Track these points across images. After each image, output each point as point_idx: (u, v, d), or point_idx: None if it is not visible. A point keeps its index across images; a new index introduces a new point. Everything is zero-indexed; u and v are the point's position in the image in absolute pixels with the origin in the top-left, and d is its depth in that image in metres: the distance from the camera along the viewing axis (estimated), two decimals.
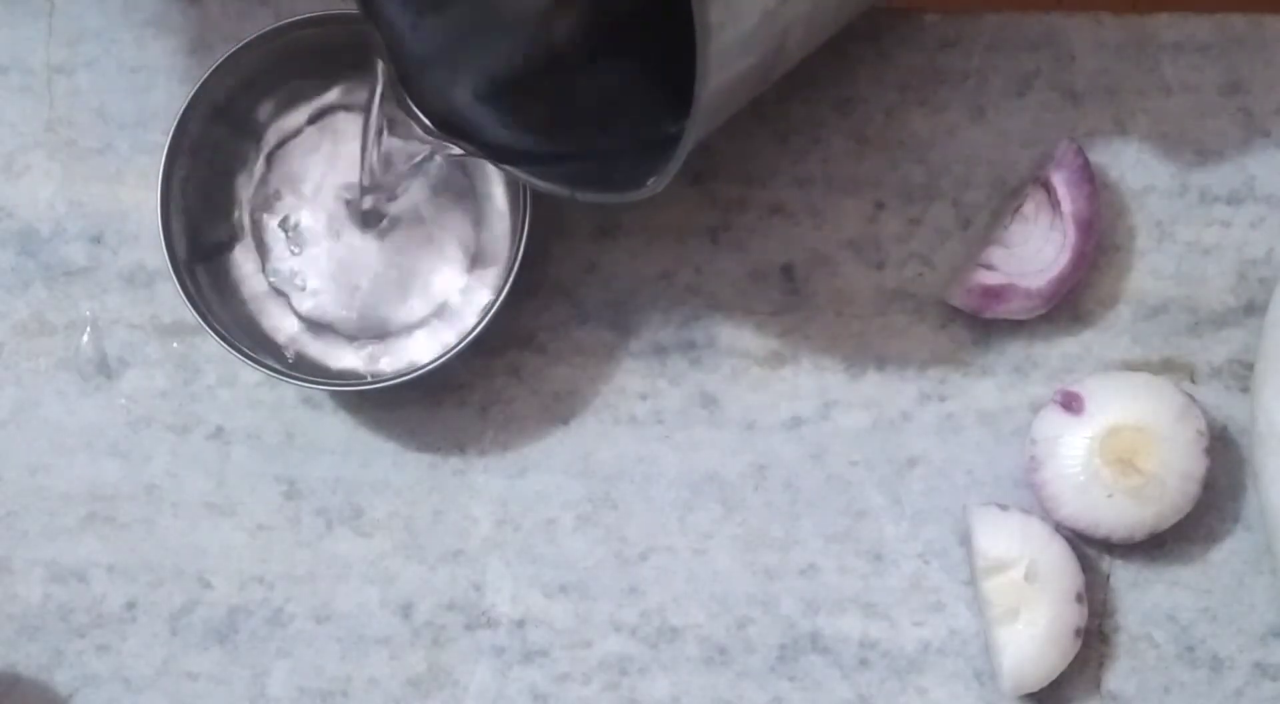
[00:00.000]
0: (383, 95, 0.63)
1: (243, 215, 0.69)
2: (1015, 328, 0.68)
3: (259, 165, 0.69)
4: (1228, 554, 0.67)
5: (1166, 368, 0.68)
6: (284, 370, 0.65)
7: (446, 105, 0.63)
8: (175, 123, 0.66)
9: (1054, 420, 0.65)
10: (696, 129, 0.53)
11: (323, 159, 0.69)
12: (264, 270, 0.69)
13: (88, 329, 0.70)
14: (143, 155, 0.71)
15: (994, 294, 0.66)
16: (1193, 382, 0.67)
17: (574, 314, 0.69)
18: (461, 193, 0.68)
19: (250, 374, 0.69)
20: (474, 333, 0.64)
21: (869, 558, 0.67)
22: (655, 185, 0.56)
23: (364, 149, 0.64)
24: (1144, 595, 0.66)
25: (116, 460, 0.69)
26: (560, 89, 0.64)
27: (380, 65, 0.62)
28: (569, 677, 0.67)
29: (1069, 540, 0.65)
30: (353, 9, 0.68)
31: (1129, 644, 0.66)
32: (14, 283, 0.70)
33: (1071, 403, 0.65)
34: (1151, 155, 0.69)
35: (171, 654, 0.68)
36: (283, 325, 0.68)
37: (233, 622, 0.68)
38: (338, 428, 0.69)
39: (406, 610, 0.68)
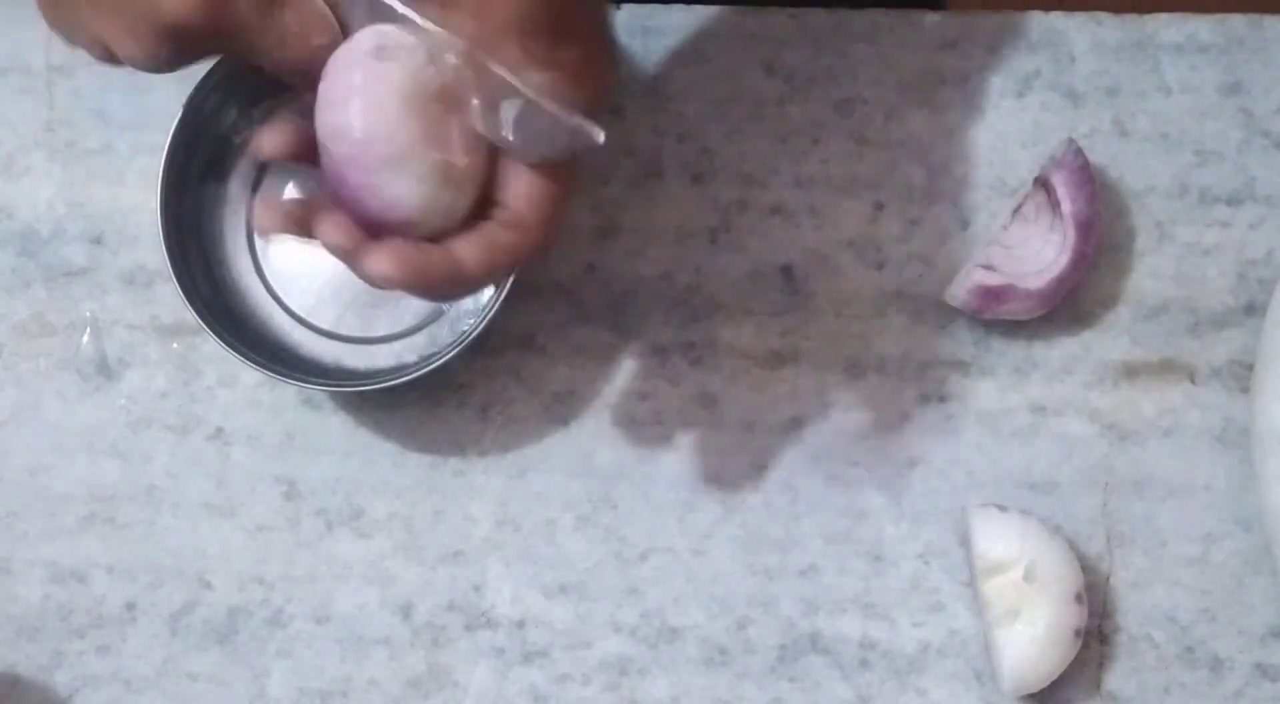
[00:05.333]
0: None
1: (242, 215, 0.69)
2: (1015, 328, 0.68)
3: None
4: (1228, 554, 0.67)
5: (1166, 368, 0.68)
6: (284, 371, 0.65)
7: None
8: (175, 123, 0.66)
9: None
10: None
11: None
12: (264, 271, 0.69)
13: (88, 329, 0.70)
14: (143, 155, 0.71)
15: (994, 294, 0.66)
16: (1193, 382, 0.67)
17: (574, 314, 0.69)
18: None
19: (250, 375, 0.69)
20: (474, 333, 0.65)
21: (869, 558, 0.67)
22: None
23: None
24: (1144, 595, 0.66)
25: (116, 461, 0.69)
26: None
27: None
28: (569, 677, 0.67)
29: (1069, 541, 0.65)
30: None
31: (1129, 644, 0.66)
32: (14, 283, 0.70)
33: None
34: (1151, 155, 0.69)
35: (171, 655, 0.68)
36: (283, 326, 0.68)
37: (233, 622, 0.68)
38: (338, 428, 0.69)
39: (406, 611, 0.68)
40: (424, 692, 0.67)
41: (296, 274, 0.69)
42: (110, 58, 0.53)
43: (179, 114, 0.66)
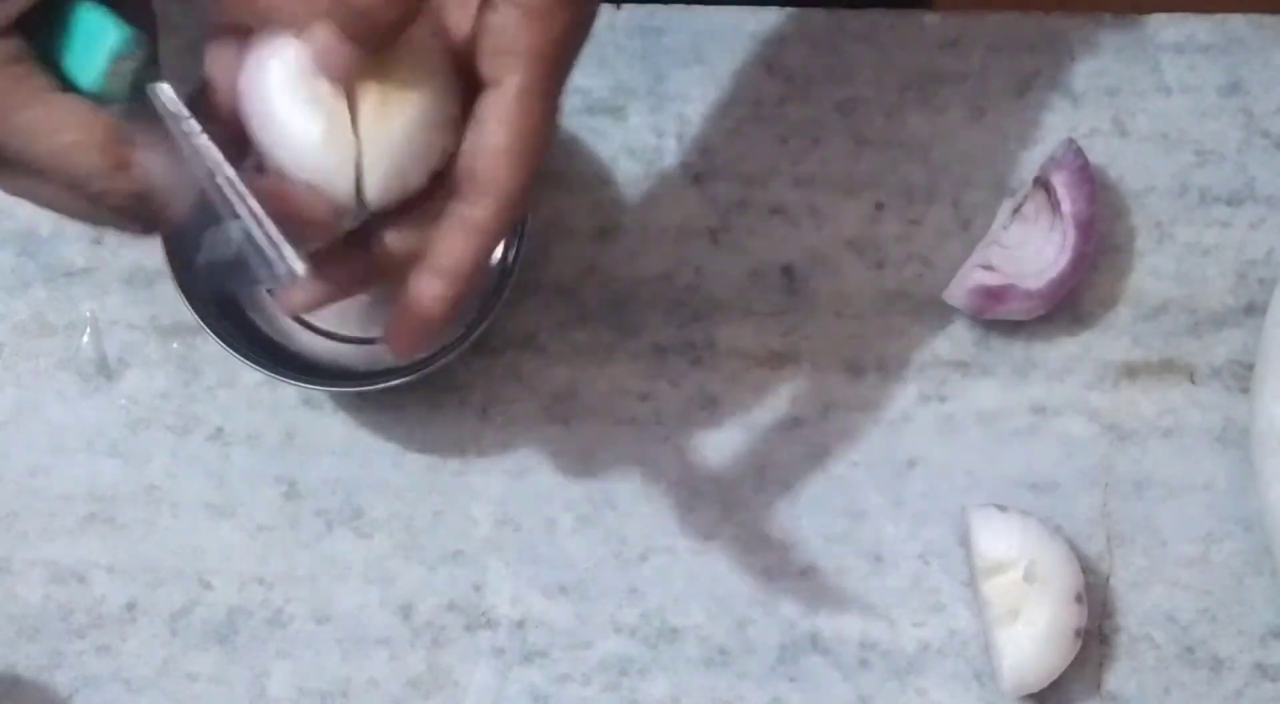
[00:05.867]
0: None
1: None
2: (1015, 328, 0.68)
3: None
4: (1228, 554, 0.67)
5: (1166, 368, 0.68)
6: (284, 371, 0.65)
7: None
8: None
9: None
10: None
11: None
12: None
13: (88, 329, 0.70)
14: None
15: (994, 295, 0.66)
16: (1193, 382, 0.67)
17: (574, 314, 0.69)
18: None
19: (250, 375, 0.69)
20: (474, 333, 0.64)
21: (869, 559, 0.67)
22: None
23: None
24: (1144, 595, 0.66)
25: (116, 461, 0.69)
26: None
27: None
28: (569, 677, 0.67)
29: (1069, 541, 0.65)
30: None
31: (1129, 644, 0.66)
32: (14, 283, 0.70)
33: None
34: (1151, 155, 0.69)
35: (171, 655, 0.68)
36: (282, 326, 0.68)
37: (233, 622, 0.68)
38: (338, 428, 0.69)
39: (406, 611, 0.68)
40: (424, 692, 0.67)
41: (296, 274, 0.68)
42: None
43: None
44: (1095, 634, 0.66)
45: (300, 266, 0.52)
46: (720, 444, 0.68)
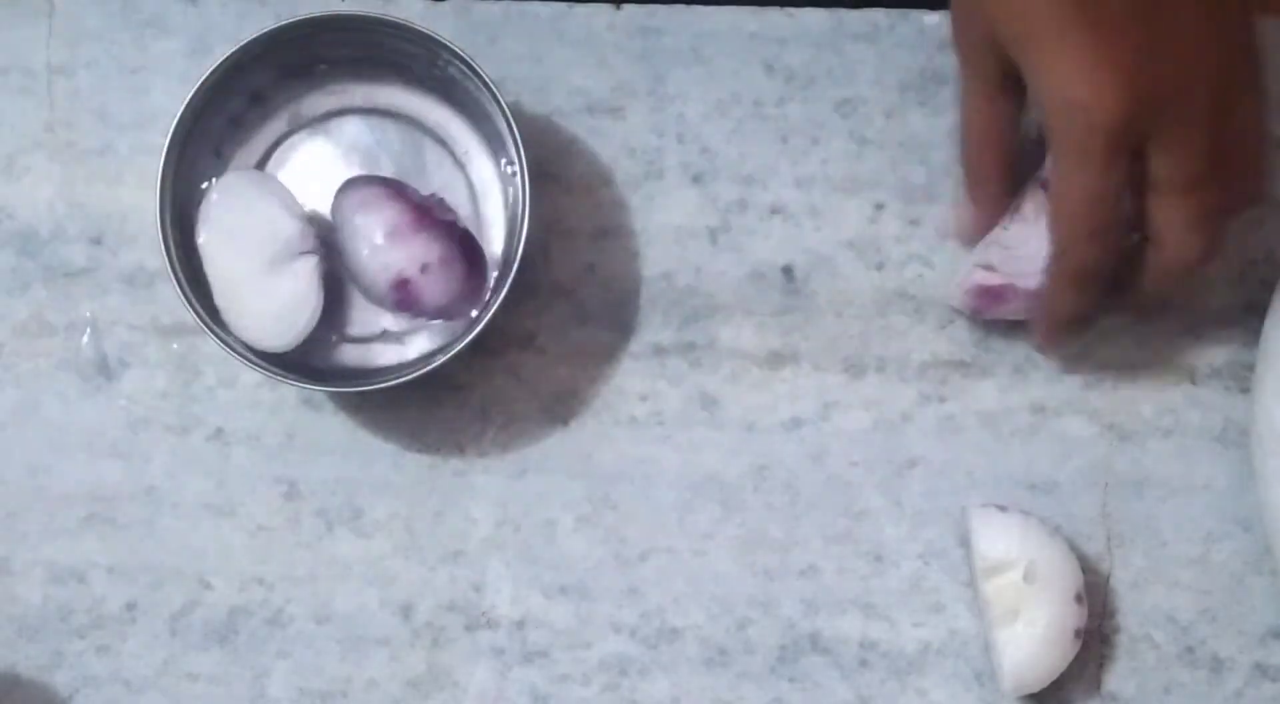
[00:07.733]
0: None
1: None
2: (1015, 328, 0.68)
3: (257, 163, 0.69)
4: (1228, 554, 0.67)
5: (1166, 368, 0.68)
6: (283, 371, 0.65)
7: None
8: (175, 123, 0.66)
9: None
10: None
11: (321, 158, 0.69)
12: None
13: (88, 330, 0.70)
14: (143, 155, 0.70)
15: (994, 295, 0.66)
16: (1193, 382, 0.67)
17: (574, 314, 0.69)
18: (459, 193, 0.68)
19: (250, 375, 0.69)
20: (474, 333, 0.64)
21: (869, 559, 0.67)
22: None
23: None
24: (1144, 595, 0.66)
25: (116, 461, 0.69)
26: None
27: None
28: (569, 677, 0.67)
29: (1069, 541, 0.65)
30: (351, 11, 0.68)
31: (1129, 645, 0.66)
32: (14, 283, 0.70)
33: None
34: None
35: (171, 655, 0.68)
36: None
37: (233, 622, 0.68)
38: (338, 429, 0.69)
39: (406, 611, 0.68)
40: (424, 692, 0.67)
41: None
42: None
43: (179, 114, 0.66)
44: (1095, 634, 0.66)
45: None
46: (720, 444, 0.68)
